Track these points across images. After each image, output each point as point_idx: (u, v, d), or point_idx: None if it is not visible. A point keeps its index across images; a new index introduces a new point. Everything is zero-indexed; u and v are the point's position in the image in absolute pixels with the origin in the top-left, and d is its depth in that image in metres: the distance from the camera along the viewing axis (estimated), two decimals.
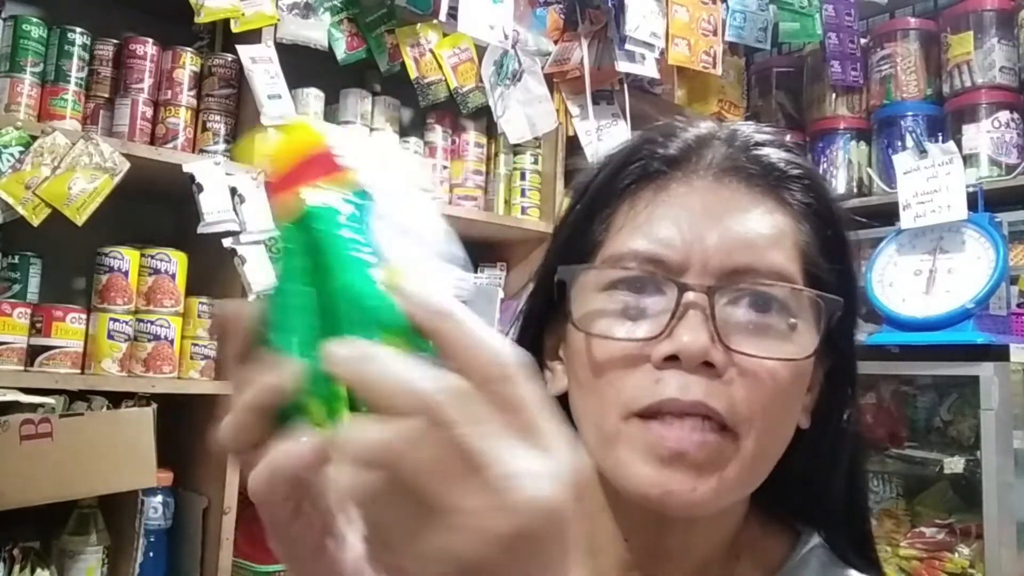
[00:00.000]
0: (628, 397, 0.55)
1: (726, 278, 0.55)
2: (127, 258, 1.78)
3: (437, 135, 2.31)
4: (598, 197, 0.62)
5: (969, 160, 2.32)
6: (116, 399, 1.68)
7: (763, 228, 0.57)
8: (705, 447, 0.53)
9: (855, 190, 2.67)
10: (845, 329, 0.61)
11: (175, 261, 1.82)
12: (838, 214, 0.62)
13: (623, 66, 2.41)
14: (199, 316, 1.85)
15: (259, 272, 1.83)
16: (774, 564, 0.63)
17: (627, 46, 2.39)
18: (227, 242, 1.81)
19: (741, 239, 0.56)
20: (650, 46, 2.43)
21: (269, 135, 0.46)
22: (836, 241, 0.61)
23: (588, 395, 0.58)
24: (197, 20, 1.85)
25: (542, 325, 0.65)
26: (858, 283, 0.63)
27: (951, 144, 2.16)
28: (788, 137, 2.85)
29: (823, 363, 0.61)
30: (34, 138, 1.65)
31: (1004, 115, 2.39)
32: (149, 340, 1.77)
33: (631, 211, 0.59)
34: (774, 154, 0.60)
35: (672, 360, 0.54)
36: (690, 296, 0.54)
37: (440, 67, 2.20)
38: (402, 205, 0.40)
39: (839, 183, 2.68)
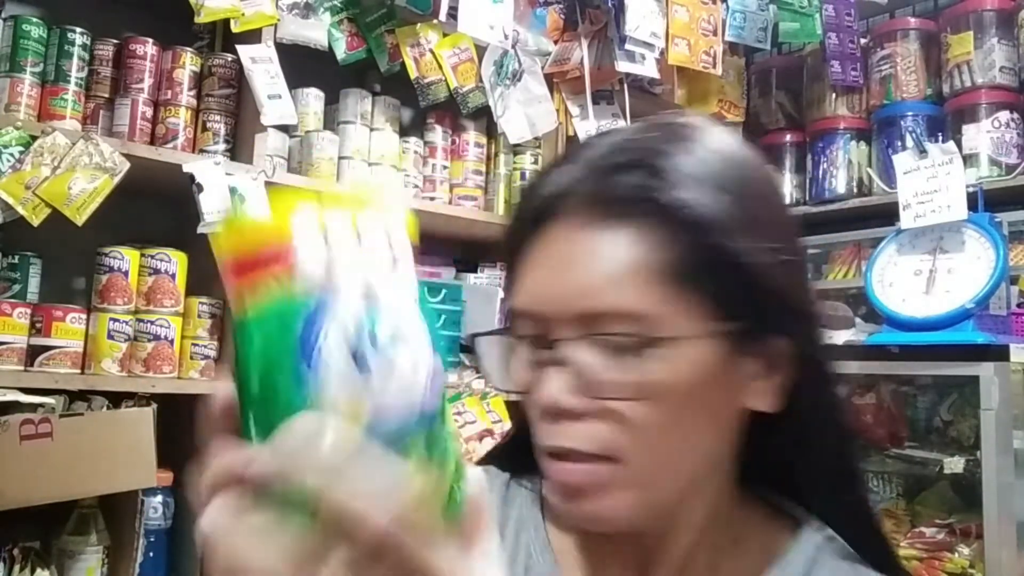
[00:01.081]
0: (538, 441, 0.61)
1: (579, 324, 0.57)
2: (127, 258, 1.78)
3: (437, 135, 2.32)
4: (506, 253, 0.66)
5: (969, 160, 2.32)
6: (116, 399, 1.68)
7: (611, 264, 0.57)
8: (593, 475, 0.58)
9: (855, 190, 2.67)
10: (777, 311, 0.60)
11: (175, 261, 1.82)
12: (727, 227, 0.58)
13: (623, 66, 2.41)
14: (199, 316, 1.85)
15: None
16: (771, 553, 0.64)
17: (627, 46, 2.39)
18: None
19: (584, 282, 0.58)
20: (650, 46, 2.43)
21: (234, 221, 0.40)
22: (720, 249, 0.57)
23: None
24: (197, 20, 1.85)
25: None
26: (776, 266, 0.59)
27: (951, 144, 2.15)
28: (788, 137, 2.84)
29: (776, 344, 0.60)
30: (34, 138, 1.65)
31: (1004, 115, 2.39)
32: (149, 340, 1.77)
33: (521, 267, 0.63)
34: (633, 179, 0.59)
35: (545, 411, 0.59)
36: (545, 354, 0.59)
37: (440, 67, 2.20)
38: (357, 314, 0.36)
39: (839, 183, 2.68)
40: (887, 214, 2.31)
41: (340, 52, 2.09)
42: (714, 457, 0.63)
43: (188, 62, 1.89)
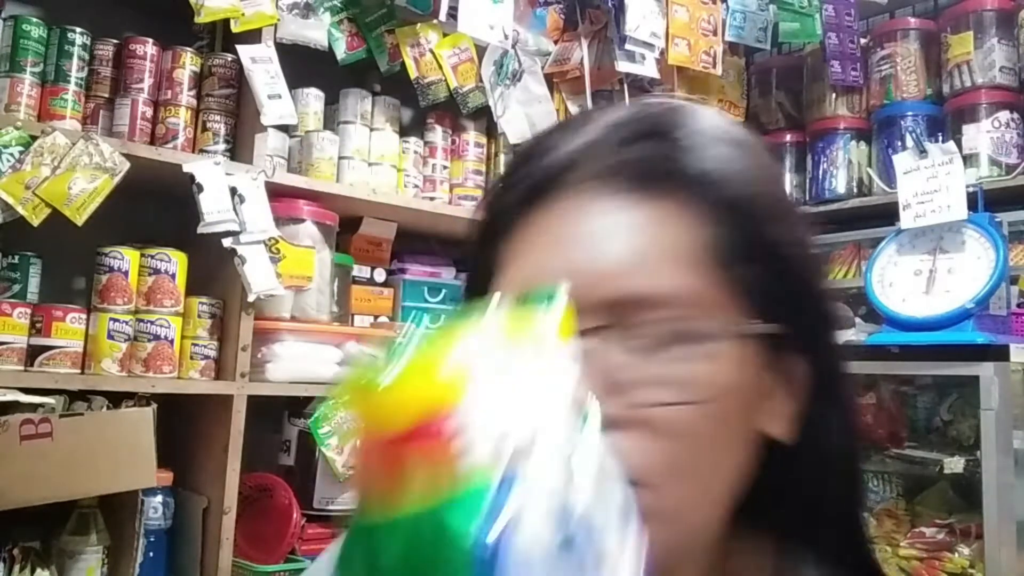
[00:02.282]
0: None
1: (614, 311, 0.47)
2: (127, 258, 1.78)
3: (437, 135, 2.31)
4: (487, 222, 0.55)
5: (969, 160, 2.32)
6: (116, 399, 1.68)
7: (657, 241, 0.49)
8: None
9: (855, 190, 2.66)
10: (810, 327, 0.53)
11: (175, 261, 1.82)
12: (767, 202, 0.52)
13: (623, 66, 2.41)
14: (199, 316, 1.85)
15: (259, 272, 1.83)
16: None
17: (627, 46, 2.39)
18: (227, 242, 1.81)
19: (628, 260, 0.48)
20: (650, 46, 2.43)
21: (376, 382, 0.28)
22: (767, 237, 0.51)
23: None
24: (197, 20, 1.85)
25: None
26: (810, 271, 0.54)
27: (951, 144, 2.15)
28: (788, 137, 2.82)
29: (798, 366, 0.53)
30: (34, 138, 1.65)
31: (1004, 115, 2.39)
32: (149, 340, 1.77)
33: (518, 238, 0.52)
34: (678, 141, 0.51)
35: None
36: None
37: (440, 67, 2.20)
38: (548, 501, 0.28)
39: (839, 183, 2.68)
40: (887, 214, 2.31)
41: (340, 52, 2.09)
42: (731, 492, 0.51)
43: (188, 62, 1.89)
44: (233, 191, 1.82)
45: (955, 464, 1.97)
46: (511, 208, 0.53)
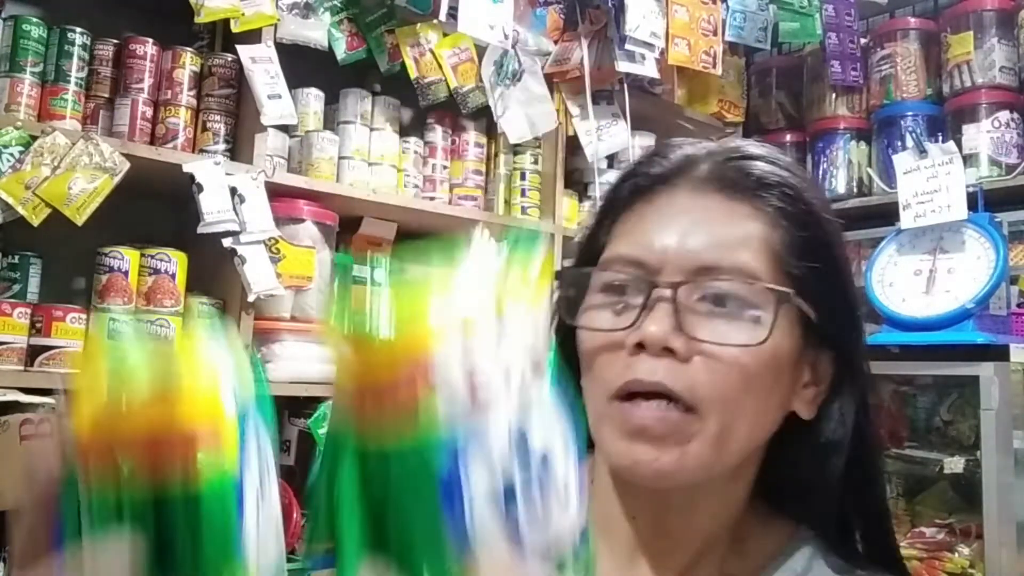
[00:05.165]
0: (607, 381, 0.63)
1: (693, 275, 0.62)
2: (127, 258, 1.78)
3: (437, 135, 2.31)
4: (605, 209, 0.70)
5: (969, 160, 2.32)
6: None
7: (733, 231, 0.64)
8: (664, 422, 0.60)
9: (855, 190, 2.67)
10: (841, 325, 0.66)
11: (175, 261, 1.82)
12: (818, 219, 0.67)
13: (623, 66, 2.41)
14: (199, 316, 1.85)
15: (259, 272, 1.83)
16: (770, 553, 0.68)
17: (627, 46, 2.39)
18: (227, 242, 1.81)
19: (710, 240, 0.63)
20: (650, 46, 2.43)
21: (362, 339, 0.35)
22: (815, 243, 0.66)
23: (586, 380, 0.66)
24: (197, 20, 1.85)
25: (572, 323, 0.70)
26: (848, 281, 0.68)
27: (951, 144, 2.15)
28: (788, 137, 2.83)
29: (824, 358, 0.66)
30: (34, 138, 1.65)
31: (1004, 115, 2.39)
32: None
33: (627, 221, 0.67)
34: (756, 165, 0.67)
35: (640, 347, 0.61)
36: (657, 292, 0.62)
37: (440, 67, 2.20)
38: (503, 447, 0.33)
39: (839, 183, 2.68)
40: (887, 214, 2.31)
41: (340, 52, 2.09)
42: (756, 445, 0.66)
43: (188, 62, 1.89)
44: (233, 191, 1.82)
45: (955, 464, 1.97)
46: (633, 190, 0.68)
